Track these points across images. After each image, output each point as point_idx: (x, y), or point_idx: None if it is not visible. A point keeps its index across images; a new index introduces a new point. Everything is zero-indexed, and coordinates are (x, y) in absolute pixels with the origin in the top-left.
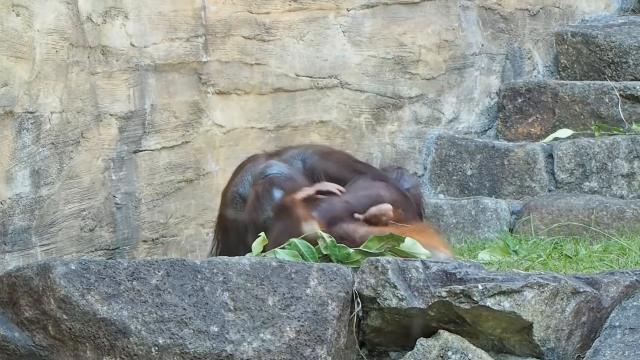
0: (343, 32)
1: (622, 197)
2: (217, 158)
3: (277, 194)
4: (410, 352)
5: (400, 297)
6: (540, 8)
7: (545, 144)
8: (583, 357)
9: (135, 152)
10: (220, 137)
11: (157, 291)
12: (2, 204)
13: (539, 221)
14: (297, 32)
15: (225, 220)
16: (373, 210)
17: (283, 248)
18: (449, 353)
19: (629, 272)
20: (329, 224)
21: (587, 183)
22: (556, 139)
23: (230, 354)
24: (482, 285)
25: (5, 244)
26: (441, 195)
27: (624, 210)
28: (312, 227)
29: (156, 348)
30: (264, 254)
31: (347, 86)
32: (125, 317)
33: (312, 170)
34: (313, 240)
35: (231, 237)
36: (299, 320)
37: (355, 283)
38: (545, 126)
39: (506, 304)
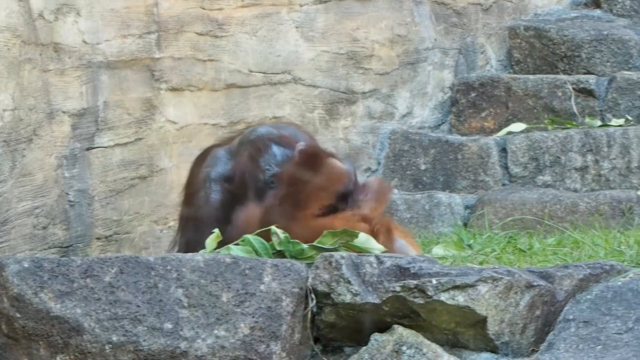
0: (296, 27)
1: (575, 190)
2: (171, 154)
3: (277, 150)
4: (364, 348)
5: (354, 292)
6: (493, 2)
7: (498, 138)
8: (537, 351)
9: (88, 149)
10: (174, 134)
11: (111, 288)
12: None
13: (493, 215)
14: (250, 28)
15: (197, 205)
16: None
17: (237, 244)
18: (404, 348)
19: (583, 265)
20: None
21: (541, 177)
22: (510, 133)
23: (185, 351)
24: (436, 280)
25: None
26: (395, 190)
27: (578, 203)
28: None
29: (110, 345)
30: (217, 250)
31: (301, 82)
32: (79, 314)
33: None
34: (267, 236)
35: (204, 221)
36: (253, 317)
37: (310, 279)
38: (499, 120)
39: (460, 298)
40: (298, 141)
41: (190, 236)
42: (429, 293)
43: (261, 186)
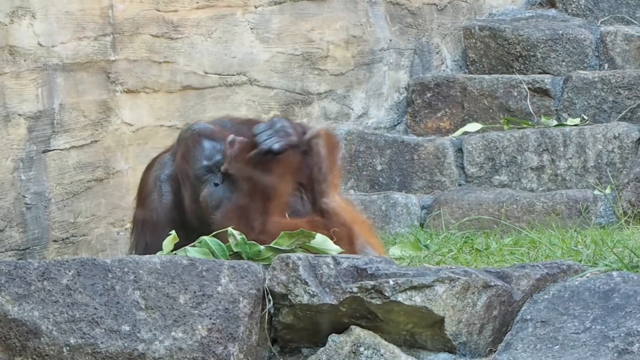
0: (251, 29)
1: (532, 190)
2: (127, 157)
3: (207, 144)
4: (322, 349)
5: (311, 293)
6: (448, 2)
7: (454, 138)
8: (495, 351)
9: (44, 151)
10: (130, 136)
11: (68, 291)
12: None
13: (450, 215)
14: (205, 30)
15: (150, 208)
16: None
17: (193, 246)
18: (361, 349)
19: (540, 265)
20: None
21: (497, 177)
22: (465, 133)
23: (142, 353)
24: (393, 281)
25: None
26: (351, 191)
27: (534, 203)
28: None
29: (68, 348)
30: (174, 252)
31: (256, 83)
32: (36, 317)
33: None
34: (224, 238)
35: (160, 223)
36: (210, 318)
37: (267, 280)
38: (455, 120)
39: (417, 298)
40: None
41: (147, 239)
42: (386, 294)
43: (194, 182)
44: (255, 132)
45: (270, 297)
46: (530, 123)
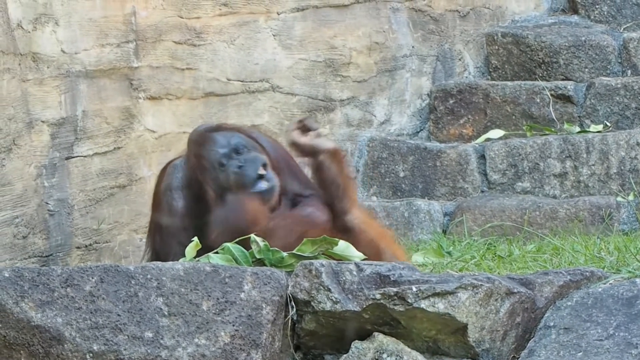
0: (274, 35)
1: (554, 197)
2: (150, 163)
3: (217, 136)
4: (345, 355)
5: (334, 300)
6: (470, 9)
7: (477, 145)
8: (518, 358)
9: (67, 158)
10: (152, 143)
11: (91, 297)
12: None
13: (472, 222)
14: (227, 37)
15: (161, 215)
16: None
17: (216, 252)
18: (384, 355)
19: (563, 272)
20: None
21: (520, 183)
22: (488, 139)
23: (165, 359)
24: (416, 287)
25: None
26: (374, 198)
27: (557, 210)
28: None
29: (91, 354)
30: (197, 258)
31: (279, 90)
32: (60, 324)
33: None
34: (247, 244)
35: (170, 230)
36: (233, 325)
37: (289, 287)
38: (477, 127)
39: (440, 305)
40: (237, 128)
41: (157, 246)
42: (409, 300)
43: (215, 172)
44: (313, 127)
45: (293, 303)
46: (552, 130)
